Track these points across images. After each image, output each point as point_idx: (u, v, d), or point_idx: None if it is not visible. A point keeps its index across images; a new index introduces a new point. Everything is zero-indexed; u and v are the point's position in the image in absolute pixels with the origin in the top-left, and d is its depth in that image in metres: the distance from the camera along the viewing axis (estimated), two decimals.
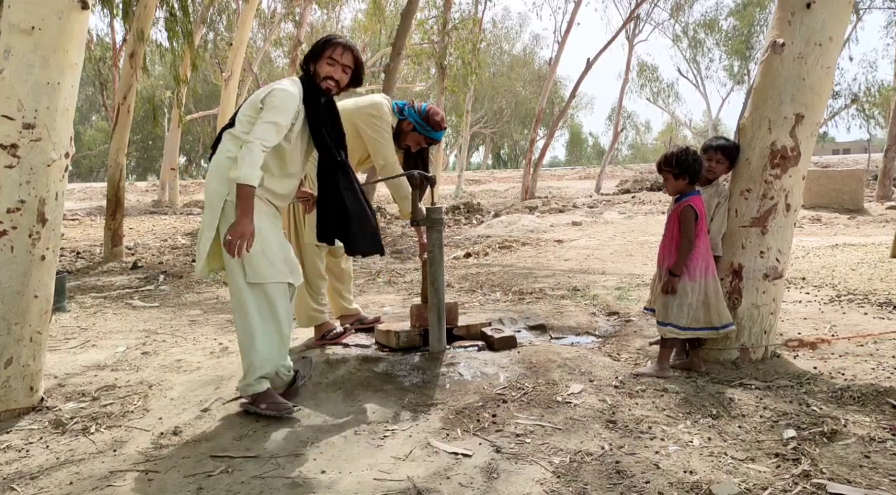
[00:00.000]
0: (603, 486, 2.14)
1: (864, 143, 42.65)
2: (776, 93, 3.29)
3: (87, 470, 2.40)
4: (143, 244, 10.09)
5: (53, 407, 3.03)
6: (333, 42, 2.96)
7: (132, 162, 48.37)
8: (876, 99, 29.06)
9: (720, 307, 3.25)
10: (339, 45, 2.93)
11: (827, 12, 3.23)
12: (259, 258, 2.75)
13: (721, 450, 2.37)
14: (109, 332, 4.55)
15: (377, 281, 6.59)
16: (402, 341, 3.54)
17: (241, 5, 14.61)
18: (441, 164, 22.97)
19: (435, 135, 3.76)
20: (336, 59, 2.91)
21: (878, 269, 5.62)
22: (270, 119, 2.71)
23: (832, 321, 4.14)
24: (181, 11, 9.05)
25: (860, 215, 11.52)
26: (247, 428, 2.73)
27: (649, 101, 40.20)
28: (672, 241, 3.28)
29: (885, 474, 2.17)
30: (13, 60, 2.74)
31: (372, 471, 2.30)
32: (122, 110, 8.43)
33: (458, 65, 17.52)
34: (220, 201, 2.77)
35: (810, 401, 2.81)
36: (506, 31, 40.84)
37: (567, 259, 7.61)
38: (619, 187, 21.44)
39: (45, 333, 3.04)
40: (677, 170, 3.24)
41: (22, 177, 2.80)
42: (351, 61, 2.95)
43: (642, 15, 28.55)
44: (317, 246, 3.67)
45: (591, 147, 71.37)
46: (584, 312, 4.65)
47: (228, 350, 3.83)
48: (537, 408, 2.81)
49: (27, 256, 2.85)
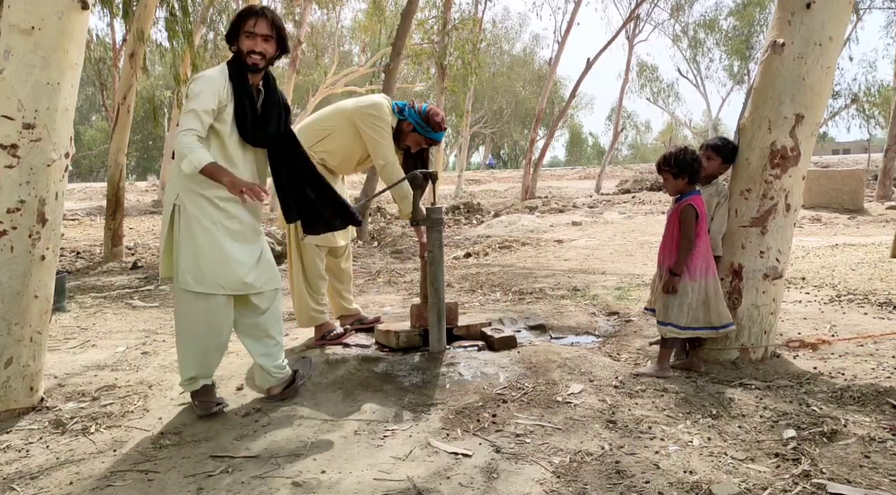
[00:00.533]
0: (603, 486, 2.14)
1: (864, 143, 42.63)
2: (776, 93, 3.29)
3: (87, 470, 2.40)
4: (143, 244, 10.09)
5: (53, 407, 3.03)
6: (245, 14, 2.82)
7: (132, 162, 48.35)
8: (876, 99, 29.04)
9: (720, 307, 3.25)
10: (252, 16, 2.80)
11: (827, 12, 3.23)
12: (190, 266, 2.74)
13: (721, 450, 2.37)
14: (109, 332, 4.55)
15: (377, 281, 6.59)
16: (402, 341, 3.54)
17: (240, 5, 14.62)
18: (441, 164, 22.96)
19: (435, 135, 3.75)
20: (252, 31, 2.78)
21: (878, 269, 5.62)
22: (187, 108, 2.70)
23: (832, 321, 4.14)
24: (181, 11, 9.03)
25: (860, 215, 11.51)
26: (247, 428, 2.73)
27: (649, 101, 40.18)
28: (672, 241, 3.28)
29: (885, 474, 2.17)
30: (13, 60, 2.74)
31: (372, 471, 2.30)
32: (122, 110, 8.43)
33: (458, 65, 17.51)
34: (170, 206, 2.79)
35: (810, 401, 2.81)
36: (506, 30, 40.83)
37: (567, 259, 7.61)
38: (619, 187, 21.44)
39: (45, 333, 3.04)
40: (676, 170, 3.25)
41: (22, 177, 2.80)
42: (268, 29, 2.79)
43: (642, 15, 28.54)
44: (317, 246, 3.67)
45: (591, 147, 71.36)
46: (584, 312, 4.65)
47: (228, 350, 3.83)
48: (537, 408, 2.81)
49: (27, 256, 2.85)
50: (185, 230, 2.74)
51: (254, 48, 2.79)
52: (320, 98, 19.65)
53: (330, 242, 3.70)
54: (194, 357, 2.85)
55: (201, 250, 2.74)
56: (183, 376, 2.89)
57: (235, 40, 2.83)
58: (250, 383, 3.21)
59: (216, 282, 2.76)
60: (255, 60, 2.80)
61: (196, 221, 2.74)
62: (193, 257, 2.74)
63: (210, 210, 2.75)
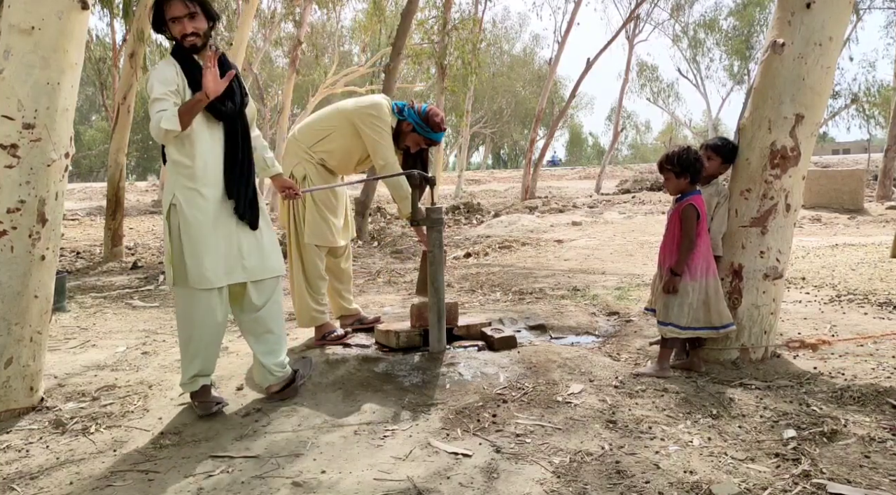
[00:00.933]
0: (603, 486, 2.14)
1: (864, 143, 42.62)
2: (776, 93, 3.29)
3: (87, 470, 2.40)
4: (143, 244, 10.09)
5: (53, 407, 3.03)
6: (158, 2, 2.75)
7: (132, 162, 48.34)
8: (876, 99, 29.04)
9: (720, 307, 3.25)
10: (165, 2, 2.72)
11: (827, 12, 3.23)
12: (179, 262, 2.75)
13: (721, 450, 2.37)
14: (109, 332, 4.55)
15: (377, 281, 6.59)
16: (402, 341, 3.54)
17: (241, 5, 14.60)
18: (441, 164, 22.95)
19: (434, 136, 3.75)
20: (175, 16, 2.71)
21: (878, 269, 5.62)
22: (150, 100, 2.65)
23: (832, 321, 4.14)
24: None
25: (860, 215, 11.51)
26: (247, 428, 2.74)
27: (649, 101, 40.16)
28: (673, 241, 3.28)
29: (885, 474, 2.17)
30: (13, 60, 2.74)
31: (372, 471, 2.30)
32: (122, 110, 8.43)
33: (458, 65, 17.49)
34: (167, 207, 2.77)
35: (810, 401, 2.81)
36: (506, 30, 40.82)
37: (567, 259, 7.61)
38: (619, 187, 21.44)
39: (45, 333, 3.04)
40: (679, 169, 3.25)
41: (22, 177, 2.80)
42: (184, 7, 2.70)
43: (642, 15, 28.51)
44: (317, 246, 3.67)
45: (590, 147, 71.37)
46: (584, 312, 4.65)
47: (228, 350, 3.83)
48: (537, 408, 2.81)
49: (27, 256, 2.85)
50: (183, 225, 2.74)
51: (184, 31, 2.73)
52: (320, 98, 19.65)
53: (330, 242, 3.70)
54: (196, 353, 2.84)
55: (196, 243, 2.73)
56: (184, 376, 2.88)
57: (166, 30, 2.78)
58: (250, 383, 3.21)
59: (213, 274, 2.75)
60: (192, 41, 2.74)
61: (190, 214, 2.73)
62: (190, 252, 2.73)
63: (201, 202, 2.74)
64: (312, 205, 3.64)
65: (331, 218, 3.69)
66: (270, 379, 2.99)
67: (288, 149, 3.79)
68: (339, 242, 3.78)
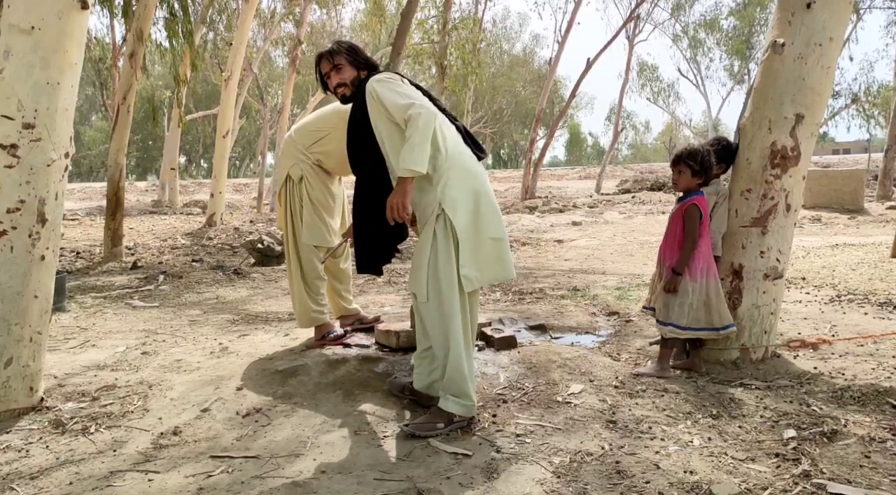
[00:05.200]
0: (603, 486, 2.14)
1: (864, 143, 42.61)
2: (776, 93, 3.29)
3: (87, 470, 2.40)
4: (143, 244, 10.08)
5: (53, 407, 3.03)
6: (316, 64, 3.05)
7: (132, 162, 48.38)
8: (876, 99, 29.05)
9: (721, 308, 3.24)
10: (317, 65, 3.04)
11: (827, 12, 3.23)
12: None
13: (721, 450, 2.37)
14: (109, 332, 4.55)
15: (377, 281, 6.59)
16: (402, 341, 3.53)
17: (241, 5, 14.60)
18: None
19: None
20: (324, 72, 3.02)
21: (878, 269, 5.62)
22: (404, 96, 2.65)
23: (832, 321, 4.14)
24: (181, 11, 9.03)
25: (860, 215, 11.52)
26: (247, 428, 2.73)
27: (649, 100, 40.18)
28: (675, 240, 3.28)
29: (885, 474, 2.17)
30: (13, 60, 2.74)
31: (372, 471, 2.30)
32: (122, 110, 8.42)
33: (458, 65, 17.50)
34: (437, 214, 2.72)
35: (810, 401, 2.81)
36: (506, 30, 40.87)
37: (567, 259, 7.61)
38: (620, 187, 21.45)
39: (45, 333, 3.03)
40: (699, 168, 3.24)
41: (22, 177, 2.80)
42: (330, 65, 2.97)
43: (642, 15, 28.52)
44: (315, 247, 3.67)
45: (590, 147, 71.39)
46: (584, 312, 4.65)
47: (228, 350, 3.83)
48: (537, 408, 2.81)
49: (27, 256, 2.85)
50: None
51: (332, 85, 3.00)
52: (320, 98, 19.65)
53: (327, 242, 3.70)
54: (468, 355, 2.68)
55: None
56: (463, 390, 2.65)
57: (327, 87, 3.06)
58: (250, 383, 3.21)
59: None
60: (342, 92, 2.99)
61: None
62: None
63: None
64: (310, 206, 3.63)
65: (328, 218, 3.69)
66: None
67: (285, 149, 3.78)
68: (336, 242, 3.78)
